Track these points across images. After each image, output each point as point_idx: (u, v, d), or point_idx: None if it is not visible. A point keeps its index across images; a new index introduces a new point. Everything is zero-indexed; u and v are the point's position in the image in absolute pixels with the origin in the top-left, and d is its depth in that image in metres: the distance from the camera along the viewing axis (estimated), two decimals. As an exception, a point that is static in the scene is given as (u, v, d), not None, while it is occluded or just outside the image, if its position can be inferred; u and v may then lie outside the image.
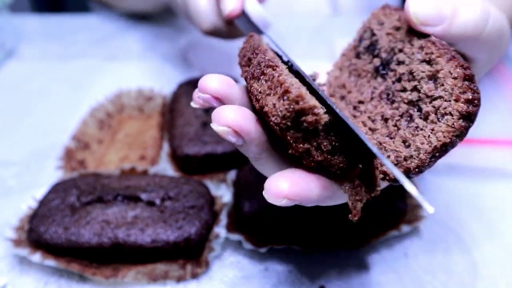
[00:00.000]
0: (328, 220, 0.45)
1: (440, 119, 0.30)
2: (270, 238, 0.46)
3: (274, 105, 0.28)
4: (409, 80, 0.33)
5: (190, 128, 0.56)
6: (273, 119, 0.28)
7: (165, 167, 0.54)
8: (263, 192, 0.29)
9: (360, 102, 0.38)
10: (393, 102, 0.34)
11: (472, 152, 0.58)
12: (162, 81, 0.73)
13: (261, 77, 0.30)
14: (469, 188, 0.56)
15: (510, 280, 0.45)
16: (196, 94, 0.32)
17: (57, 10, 1.31)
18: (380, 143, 0.34)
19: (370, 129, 0.35)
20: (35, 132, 0.64)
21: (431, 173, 0.57)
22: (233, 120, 0.29)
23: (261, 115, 0.30)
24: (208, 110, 0.58)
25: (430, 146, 0.30)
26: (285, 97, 0.28)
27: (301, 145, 0.29)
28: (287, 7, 0.96)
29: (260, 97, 0.30)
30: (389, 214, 0.47)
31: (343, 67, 0.41)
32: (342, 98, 0.40)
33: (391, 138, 0.33)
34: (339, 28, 0.89)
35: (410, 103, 0.33)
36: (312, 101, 0.27)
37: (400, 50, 0.35)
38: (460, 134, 0.30)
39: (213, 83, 0.31)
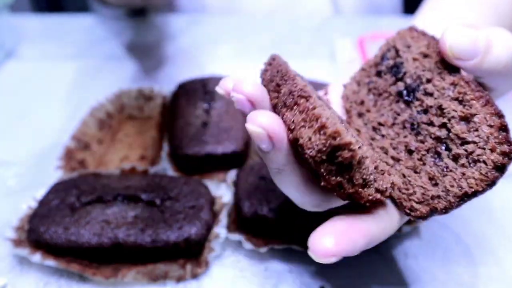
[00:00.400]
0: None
1: (471, 165, 0.30)
2: (270, 238, 0.46)
3: (309, 138, 0.28)
4: (437, 115, 0.33)
5: (190, 128, 0.56)
6: (308, 152, 0.28)
7: (165, 167, 0.55)
8: (308, 251, 0.29)
9: (380, 124, 0.37)
10: (418, 133, 0.34)
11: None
12: (162, 81, 0.73)
13: (295, 107, 0.30)
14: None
15: (510, 281, 0.45)
16: (229, 89, 0.32)
17: (57, 10, 1.31)
18: (404, 176, 0.34)
19: (392, 157, 0.35)
20: (35, 132, 0.64)
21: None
22: (268, 123, 0.29)
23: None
24: (208, 110, 0.58)
25: (460, 191, 0.30)
26: (321, 132, 0.28)
27: (334, 177, 0.29)
28: (287, 7, 0.96)
29: (293, 127, 0.30)
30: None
31: (362, 82, 0.40)
32: (360, 115, 0.39)
33: (416, 173, 0.33)
34: (339, 28, 0.89)
35: (438, 139, 0.32)
36: (348, 137, 0.28)
37: (429, 81, 0.34)
38: (491, 184, 0.30)
39: (249, 86, 0.31)
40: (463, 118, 0.31)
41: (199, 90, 0.62)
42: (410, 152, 0.34)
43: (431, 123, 0.33)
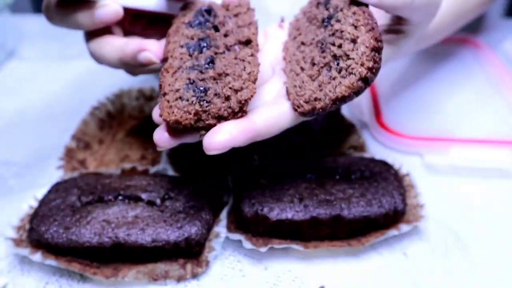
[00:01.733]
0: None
1: (346, 76, 0.37)
2: (270, 238, 0.47)
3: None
4: (339, 38, 0.39)
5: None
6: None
7: (166, 167, 0.55)
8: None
9: (303, 43, 0.45)
10: (323, 51, 0.41)
11: (472, 152, 0.58)
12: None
13: None
14: (468, 188, 0.56)
15: (509, 280, 0.46)
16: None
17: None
18: (303, 81, 0.41)
19: (301, 68, 0.42)
20: (36, 132, 0.64)
21: (431, 173, 0.58)
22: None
23: None
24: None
25: (333, 95, 0.37)
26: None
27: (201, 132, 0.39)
28: (286, 7, 0.96)
29: None
30: (388, 214, 0.47)
31: (306, 12, 0.48)
32: (294, 38, 0.47)
33: (312, 80, 0.40)
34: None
35: (334, 56, 0.39)
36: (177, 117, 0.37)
37: (341, 10, 0.41)
38: (357, 92, 0.37)
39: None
40: (352, 40, 0.38)
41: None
42: (313, 64, 0.41)
43: (333, 44, 0.40)
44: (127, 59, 0.45)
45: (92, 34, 0.48)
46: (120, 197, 0.47)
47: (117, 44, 0.46)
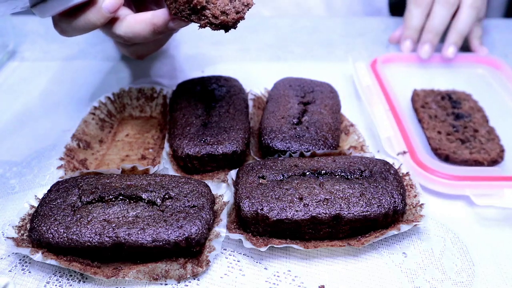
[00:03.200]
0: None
1: (479, 151, 0.58)
2: (270, 237, 0.47)
3: None
4: (473, 130, 0.62)
5: (191, 128, 0.56)
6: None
7: (166, 167, 0.55)
8: None
9: (436, 116, 0.64)
10: (456, 131, 0.62)
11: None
12: (163, 81, 0.73)
13: None
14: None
15: (508, 280, 0.46)
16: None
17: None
18: (442, 139, 0.61)
19: (438, 131, 0.62)
20: (37, 132, 0.64)
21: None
22: None
23: None
24: (209, 110, 0.59)
25: (468, 157, 0.59)
26: None
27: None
28: (283, 7, 0.96)
29: None
30: (388, 213, 0.47)
31: (431, 95, 0.69)
32: (422, 106, 0.67)
33: (450, 142, 0.61)
34: (337, 28, 0.89)
35: (466, 138, 0.61)
36: None
37: (470, 114, 0.65)
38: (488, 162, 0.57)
39: None
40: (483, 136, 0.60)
41: (200, 90, 0.62)
42: (448, 134, 0.62)
43: (466, 131, 0.62)
44: (160, 29, 0.49)
45: (111, 21, 0.50)
46: (120, 197, 0.47)
47: (145, 19, 0.49)
